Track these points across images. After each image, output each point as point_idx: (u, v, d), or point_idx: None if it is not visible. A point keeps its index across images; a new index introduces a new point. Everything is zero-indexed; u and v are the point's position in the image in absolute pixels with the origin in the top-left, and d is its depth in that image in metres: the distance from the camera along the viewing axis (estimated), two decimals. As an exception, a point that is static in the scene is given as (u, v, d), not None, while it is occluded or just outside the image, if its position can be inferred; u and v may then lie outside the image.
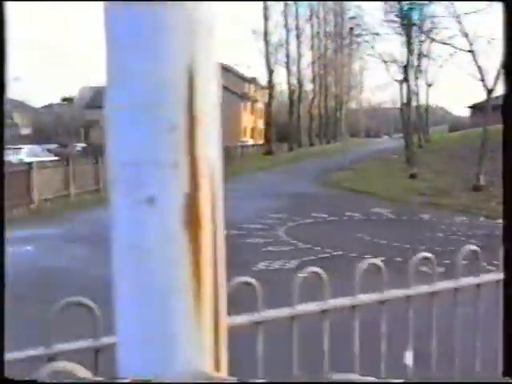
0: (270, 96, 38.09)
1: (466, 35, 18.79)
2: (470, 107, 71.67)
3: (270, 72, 38.05)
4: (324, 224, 13.33)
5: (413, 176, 23.25)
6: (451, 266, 7.92)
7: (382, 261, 7.74)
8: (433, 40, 19.51)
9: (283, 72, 42.01)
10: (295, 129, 43.65)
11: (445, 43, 20.28)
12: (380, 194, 19.26)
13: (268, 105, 37.48)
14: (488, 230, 12.57)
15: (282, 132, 43.77)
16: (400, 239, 11.16)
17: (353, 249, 10.19)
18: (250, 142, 55.83)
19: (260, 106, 72.53)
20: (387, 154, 35.96)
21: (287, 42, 41.32)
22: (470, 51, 19.06)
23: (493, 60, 26.55)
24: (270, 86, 38.00)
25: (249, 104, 69.95)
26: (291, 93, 43.18)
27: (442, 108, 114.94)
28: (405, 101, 30.05)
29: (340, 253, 9.83)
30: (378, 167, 28.08)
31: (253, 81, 72.08)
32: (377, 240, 11.14)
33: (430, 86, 43.37)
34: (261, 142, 56.87)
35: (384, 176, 24.37)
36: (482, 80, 19.80)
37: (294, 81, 43.10)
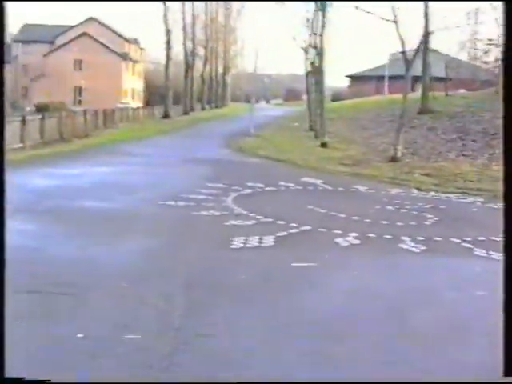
0: (168, 57, 36.62)
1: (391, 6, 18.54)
2: (348, 77, 73.12)
3: (168, 32, 36.52)
4: (266, 195, 12.67)
5: (324, 145, 22.98)
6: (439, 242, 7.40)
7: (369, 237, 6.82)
8: (356, 8, 19.21)
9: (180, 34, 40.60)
10: (189, 93, 42.48)
11: (368, 12, 19.89)
12: (299, 163, 18.82)
13: (166, 67, 36.02)
14: (429, 202, 12.39)
15: (174, 96, 42.44)
16: (355, 212, 10.69)
17: (316, 223, 9.61)
18: (132, 104, 54.06)
19: (142, 67, 70.40)
20: (285, 122, 35.71)
21: (183, 5, 39.81)
22: (394, 22, 18.81)
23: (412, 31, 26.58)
24: (168, 46, 36.50)
25: (130, 65, 67.72)
26: (186, 56, 41.89)
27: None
28: (309, 69, 29.73)
29: (308, 227, 9.21)
30: (284, 135, 27.69)
31: (134, 41, 69.75)
32: (333, 213, 10.61)
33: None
34: (141, 104, 55.34)
35: (294, 145, 23.99)
36: (403, 52, 19.67)
37: (190, 44, 41.80)
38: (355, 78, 68.81)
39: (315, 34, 28.79)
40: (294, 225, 9.32)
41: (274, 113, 46.34)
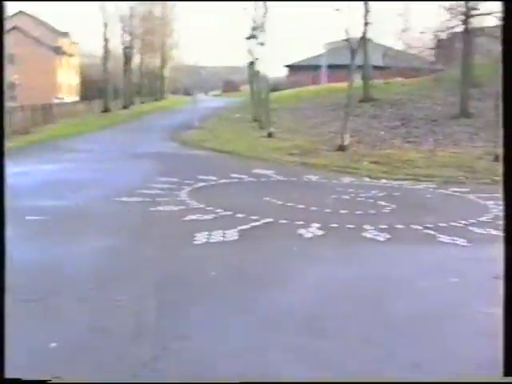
0: (106, 50, 35.75)
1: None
2: (287, 66, 73.20)
3: (105, 25, 35.69)
4: (220, 187, 12.44)
5: (270, 135, 22.82)
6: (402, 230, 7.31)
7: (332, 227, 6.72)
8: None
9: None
10: (127, 86, 41.69)
11: None
12: (247, 154, 18.63)
13: (104, 60, 35.15)
14: (383, 190, 12.38)
15: (113, 90, 41.55)
16: (313, 203, 10.57)
17: (277, 215, 9.44)
18: (67, 99, 52.78)
19: (77, 61, 68.90)
20: (227, 113, 35.42)
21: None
22: (337, 9, 18.79)
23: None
24: (106, 39, 35.62)
25: (65, 59, 66.19)
26: (124, 49, 41.05)
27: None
28: (251, 59, 29.51)
29: (270, 220, 9.02)
30: (228, 127, 27.40)
31: (66, 35, 68.20)
32: (291, 204, 10.46)
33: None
34: (77, 98, 54.08)
35: (240, 136, 23.75)
36: (347, 40, 19.67)
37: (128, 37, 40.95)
38: (293, 68, 68.91)
39: (256, 26, 28.59)
40: (255, 217, 9.12)
41: (214, 104, 45.93)
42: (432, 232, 8.53)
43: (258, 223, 8.79)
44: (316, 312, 5.26)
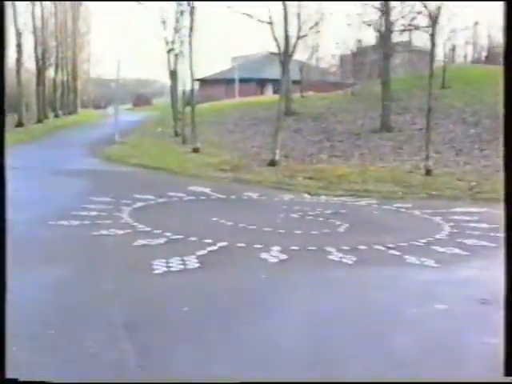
0: (19, 63, 34.01)
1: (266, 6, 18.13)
2: (198, 80, 72.60)
3: (19, 35, 33.91)
4: (161, 207, 11.72)
5: (196, 150, 22.15)
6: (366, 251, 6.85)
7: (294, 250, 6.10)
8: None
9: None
10: (41, 100, 39.94)
11: (245, 13, 19.33)
12: (177, 170, 17.93)
13: (18, 72, 33.40)
14: (328, 207, 12.01)
15: (26, 103, 39.73)
16: (263, 223, 10.05)
17: (231, 237, 8.86)
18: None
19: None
20: (147, 127, 34.44)
21: (33, 4, 37.16)
22: (269, 23, 18.39)
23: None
24: (19, 50, 33.85)
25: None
26: (37, 62, 39.30)
27: (157, 81, 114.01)
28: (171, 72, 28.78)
29: (226, 243, 8.41)
30: (151, 142, 26.51)
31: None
32: (242, 225, 9.88)
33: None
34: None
35: (165, 151, 22.95)
36: (279, 54, 19.29)
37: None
38: (205, 82, 68.45)
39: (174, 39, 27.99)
40: (209, 241, 8.49)
41: (130, 118, 44.62)
42: (397, 253, 8.16)
43: (214, 247, 8.16)
44: (315, 353, 4.70)
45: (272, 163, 18.45)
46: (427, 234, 9.48)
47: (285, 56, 18.91)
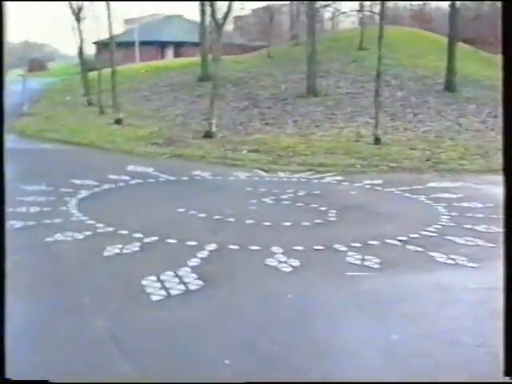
0: None
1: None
2: (96, 44, 68.60)
3: None
4: (110, 196, 9.97)
5: (119, 122, 20.09)
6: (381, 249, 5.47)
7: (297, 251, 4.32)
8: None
9: None
10: None
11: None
12: (106, 146, 16.00)
13: None
14: (298, 188, 10.64)
15: None
16: (240, 213, 8.59)
17: (216, 237, 7.35)
18: None
19: None
20: (54, 96, 31.60)
21: None
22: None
23: None
24: None
25: None
26: None
27: (45, 44, 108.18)
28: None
29: (215, 246, 6.88)
30: (65, 112, 24.07)
31: None
32: (217, 217, 8.35)
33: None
34: None
35: (84, 123, 20.73)
36: (213, 15, 17.48)
37: None
38: (103, 45, 64.85)
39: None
40: (193, 243, 6.96)
41: (30, 86, 41.36)
42: (417, 248, 6.91)
43: (204, 253, 6.61)
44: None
45: (209, 135, 16.83)
46: (429, 220, 8.32)
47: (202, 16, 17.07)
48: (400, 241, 7.19)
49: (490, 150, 14.87)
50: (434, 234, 7.58)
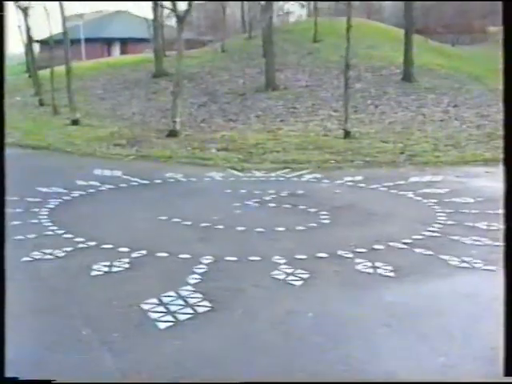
0: None
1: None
2: (38, 42, 66.62)
3: None
4: (82, 204, 9.24)
5: (76, 122, 19.16)
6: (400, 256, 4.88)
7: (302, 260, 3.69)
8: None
9: None
10: None
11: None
12: (67, 149, 15.12)
13: None
14: (278, 188, 10.11)
15: None
16: (226, 219, 8.03)
17: (209, 248, 6.78)
18: None
19: None
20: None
21: None
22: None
23: None
24: None
25: None
26: None
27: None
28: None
29: (210, 259, 6.30)
30: (18, 114, 22.81)
31: None
32: (204, 224, 7.76)
33: None
34: None
35: (39, 124, 19.75)
36: (174, 10, 16.73)
37: None
38: (45, 43, 62.94)
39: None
40: (186, 256, 6.37)
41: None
42: (427, 252, 6.48)
43: (202, 268, 6.02)
44: None
45: (173, 133, 16.13)
46: (426, 219, 7.92)
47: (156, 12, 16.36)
48: (405, 244, 6.74)
49: (461, 141, 14.64)
50: (438, 235, 7.16)
